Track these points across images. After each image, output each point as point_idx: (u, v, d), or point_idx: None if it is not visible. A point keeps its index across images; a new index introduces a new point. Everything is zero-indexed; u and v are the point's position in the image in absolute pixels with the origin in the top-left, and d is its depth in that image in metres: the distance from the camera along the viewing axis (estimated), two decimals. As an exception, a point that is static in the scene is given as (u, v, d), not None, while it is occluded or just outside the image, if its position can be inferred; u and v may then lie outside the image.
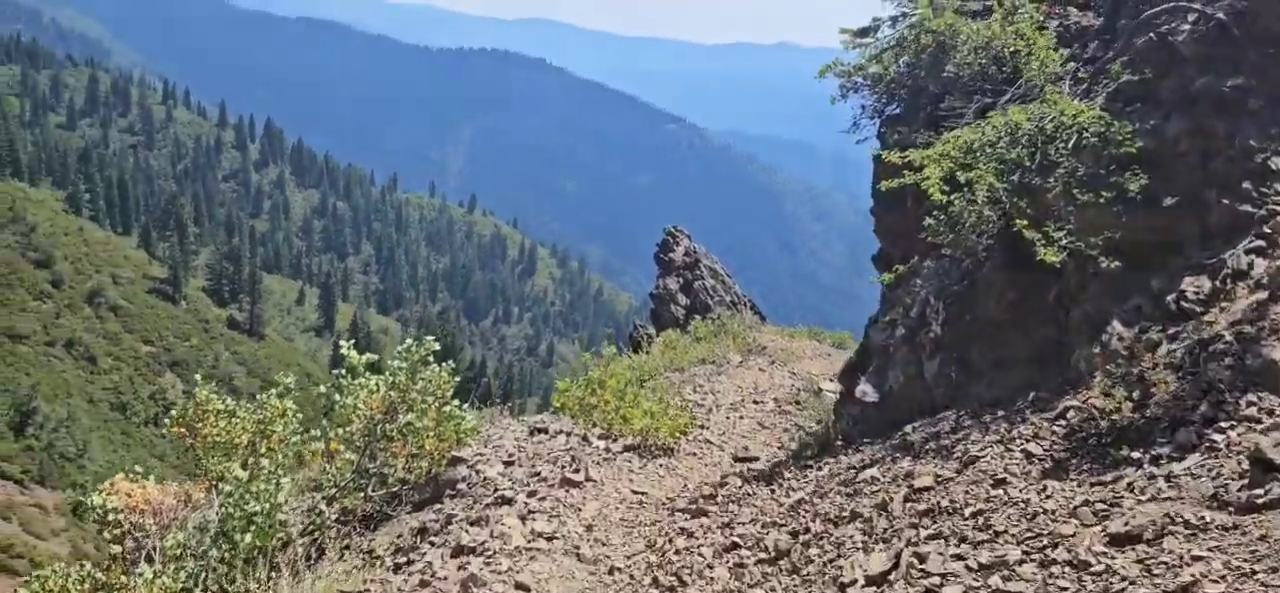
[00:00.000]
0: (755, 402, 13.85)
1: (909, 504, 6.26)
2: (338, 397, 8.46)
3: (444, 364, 8.98)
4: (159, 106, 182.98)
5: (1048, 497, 5.46)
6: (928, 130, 8.55)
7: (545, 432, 10.58)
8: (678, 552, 7.13)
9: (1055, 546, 4.91)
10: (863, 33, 10.88)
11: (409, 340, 8.92)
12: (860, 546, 6.06)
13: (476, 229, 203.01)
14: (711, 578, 6.58)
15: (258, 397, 8.46)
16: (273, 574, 6.78)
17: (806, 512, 7.14)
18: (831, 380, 14.93)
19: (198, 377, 8.80)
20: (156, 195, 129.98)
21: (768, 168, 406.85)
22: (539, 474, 8.84)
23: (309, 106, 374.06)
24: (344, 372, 8.60)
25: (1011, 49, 8.21)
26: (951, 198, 7.34)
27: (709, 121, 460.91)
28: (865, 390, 9.40)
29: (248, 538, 6.80)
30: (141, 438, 63.32)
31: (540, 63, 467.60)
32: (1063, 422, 6.40)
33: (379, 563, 7.36)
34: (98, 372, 66.24)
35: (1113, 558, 4.60)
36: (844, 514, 6.66)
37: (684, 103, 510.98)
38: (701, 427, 12.05)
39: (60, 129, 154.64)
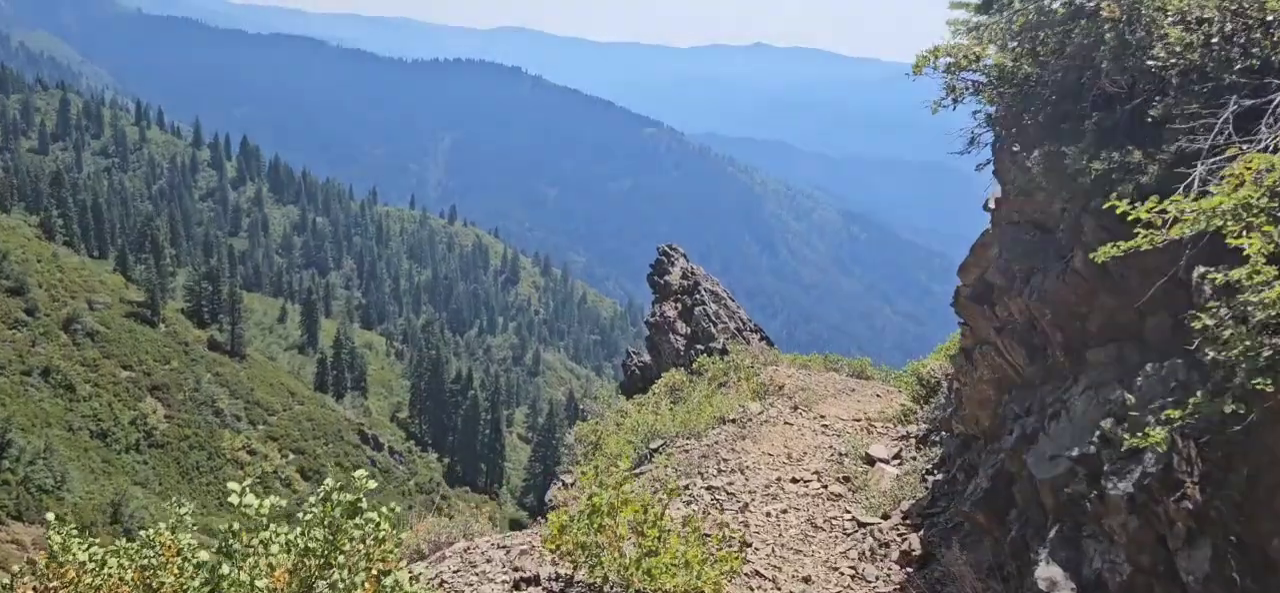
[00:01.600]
0: (795, 480, 11.57)
1: None
2: (226, 568, 5.14)
3: (384, 510, 5.65)
4: (132, 127, 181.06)
5: None
6: (1130, 147, 5.92)
7: (535, 584, 7.97)
8: None
9: None
10: (985, 5, 8.07)
11: (328, 480, 5.70)
12: None
13: (458, 240, 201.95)
14: None
15: (144, 533, 5.58)
16: None
17: None
18: (875, 431, 13.72)
19: (50, 516, 5.74)
20: (132, 218, 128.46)
21: (746, 169, 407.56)
22: None
23: (286, 123, 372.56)
24: (233, 532, 5.33)
25: None
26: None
27: (686, 125, 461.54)
28: (1051, 581, 5.95)
29: None
30: (123, 465, 62.29)
31: (516, 71, 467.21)
32: None
33: None
34: (77, 399, 65.11)
35: None
36: None
37: (661, 107, 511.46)
38: (745, 544, 9.50)
39: (32, 153, 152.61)
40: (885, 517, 10.07)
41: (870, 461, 12.13)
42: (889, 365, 22.44)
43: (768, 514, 10.47)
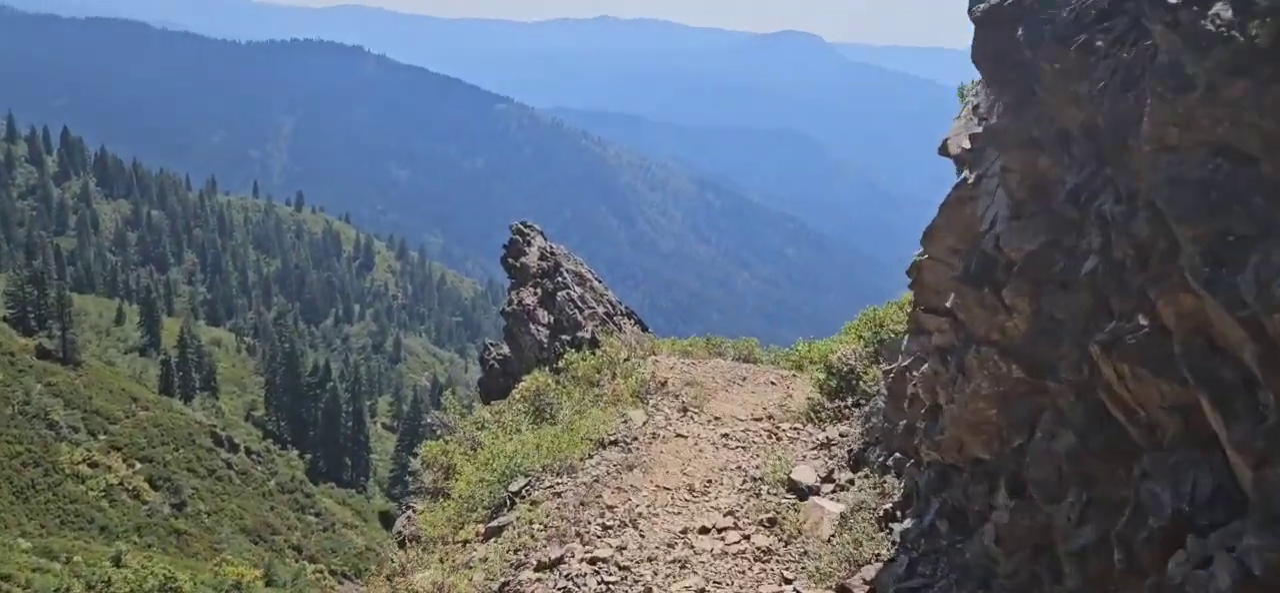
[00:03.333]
0: (705, 531, 8.96)
1: None
2: None
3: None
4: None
5: None
6: None
7: None
8: None
9: None
10: None
11: None
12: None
13: (307, 227, 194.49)
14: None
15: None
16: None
17: None
18: (783, 437, 11.89)
19: None
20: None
21: (599, 141, 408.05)
22: None
23: (111, 113, 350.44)
24: None
25: None
26: None
27: (536, 100, 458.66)
28: None
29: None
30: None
31: (358, 50, 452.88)
32: None
33: None
34: (-115, 425, 59.45)
35: None
36: None
37: (509, 83, 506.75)
38: None
39: None
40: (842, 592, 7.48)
41: (797, 490, 9.72)
42: (755, 336, 21.51)
43: None
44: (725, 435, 12.01)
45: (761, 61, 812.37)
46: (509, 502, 10.67)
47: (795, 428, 12.32)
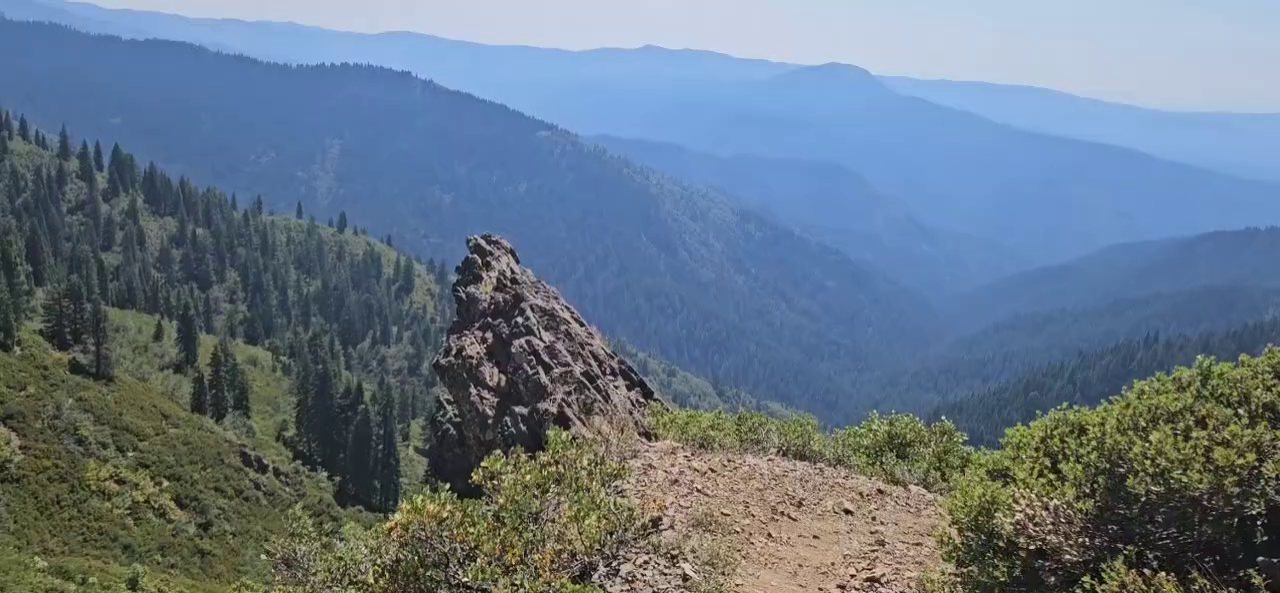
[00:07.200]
0: None
1: None
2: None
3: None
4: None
5: None
6: None
7: None
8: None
9: None
10: None
11: None
12: None
13: (348, 248, 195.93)
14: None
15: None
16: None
17: None
18: None
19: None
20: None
21: (641, 170, 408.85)
22: None
23: (164, 132, 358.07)
24: None
25: None
26: None
27: (580, 127, 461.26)
28: None
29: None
30: (-24, 502, 57.36)
31: (406, 76, 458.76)
32: None
33: None
34: (-78, 433, 59.84)
35: None
36: None
37: (554, 110, 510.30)
38: None
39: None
40: None
41: None
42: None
43: None
44: None
45: (806, 93, 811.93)
46: None
47: None
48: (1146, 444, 5.60)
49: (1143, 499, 5.61)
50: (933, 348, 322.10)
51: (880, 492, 10.19)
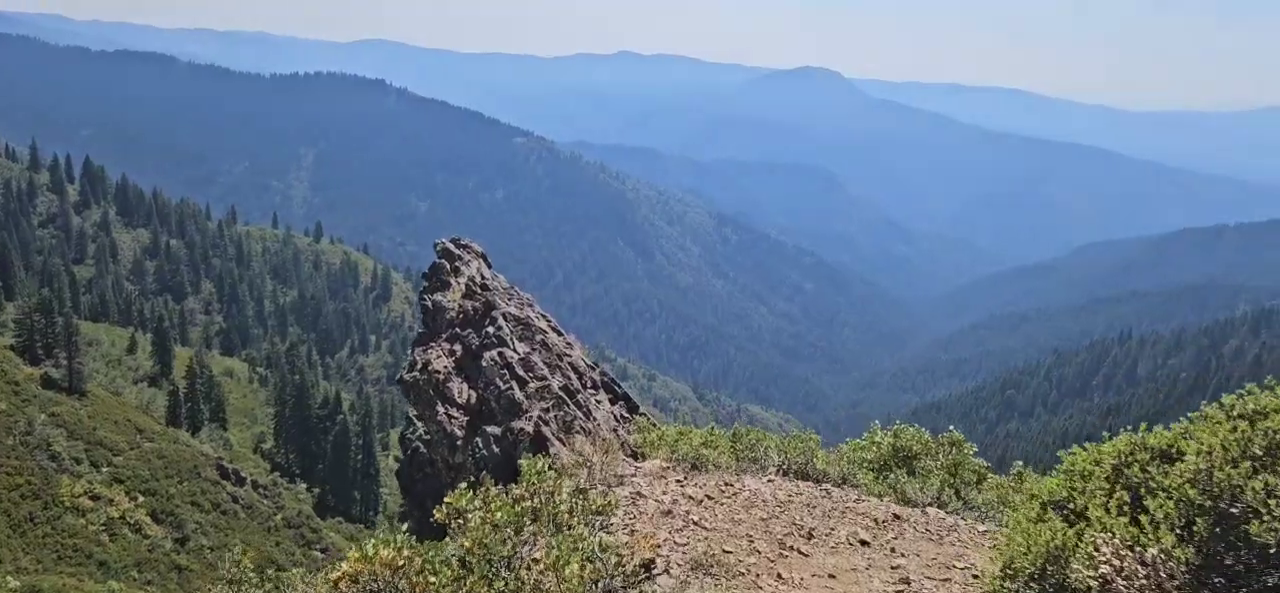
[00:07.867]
0: None
1: None
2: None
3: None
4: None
5: None
6: None
7: None
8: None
9: None
10: None
11: None
12: None
13: (325, 258, 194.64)
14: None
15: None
16: None
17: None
18: None
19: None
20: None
21: (618, 176, 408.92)
22: None
23: (136, 144, 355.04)
24: None
25: None
26: None
27: (556, 133, 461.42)
28: None
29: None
30: (-53, 520, 56.39)
31: (380, 84, 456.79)
32: None
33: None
34: (-111, 452, 58.78)
35: None
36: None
37: (529, 116, 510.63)
38: None
39: None
40: None
41: None
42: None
43: None
44: None
45: (780, 97, 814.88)
46: None
47: None
48: (1275, 480, 4.74)
49: (1272, 549, 4.71)
50: (910, 348, 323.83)
51: (896, 517, 9.49)
